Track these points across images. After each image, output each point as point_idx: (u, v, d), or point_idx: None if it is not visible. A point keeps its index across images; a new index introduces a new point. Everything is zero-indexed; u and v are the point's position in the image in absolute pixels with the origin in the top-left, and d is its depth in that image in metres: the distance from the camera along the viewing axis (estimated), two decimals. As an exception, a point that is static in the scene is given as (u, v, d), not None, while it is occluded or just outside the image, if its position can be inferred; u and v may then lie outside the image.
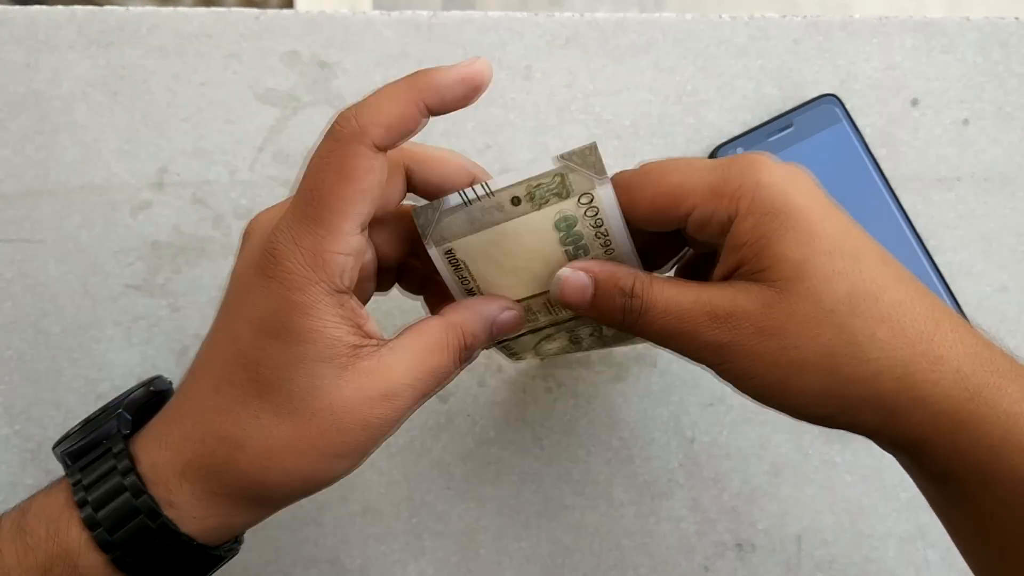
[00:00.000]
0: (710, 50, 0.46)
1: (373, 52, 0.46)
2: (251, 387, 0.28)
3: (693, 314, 0.28)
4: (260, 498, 0.29)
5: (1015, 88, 0.47)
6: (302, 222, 0.27)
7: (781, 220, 0.27)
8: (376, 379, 0.28)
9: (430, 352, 0.30)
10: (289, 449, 0.28)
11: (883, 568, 0.43)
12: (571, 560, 0.43)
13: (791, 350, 0.27)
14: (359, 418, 0.28)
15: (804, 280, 0.27)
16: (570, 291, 0.30)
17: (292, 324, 0.27)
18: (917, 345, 0.27)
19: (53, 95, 0.44)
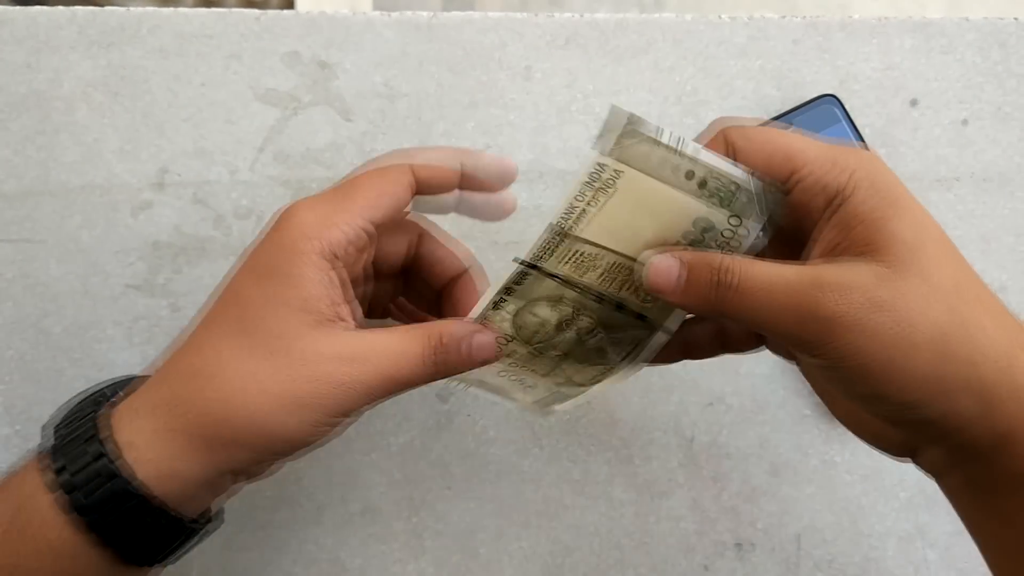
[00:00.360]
0: (710, 51, 0.47)
1: (373, 53, 0.46)
2: (236, 324, 0.30)
3: (797, 285, 0.27)
4: (215, 439, 0.29)
5: (1014, 88, 0.47)
6: (325, 197, 0.31)
7: (899, 204, 0.28)
8: (351, 342, 0.30)
9: (404, 339, 0.31)
10: (256, 385, 0.29)
11: (882, 567, 0.43)
12: (571, 559, 0.43)
13: (905, 326, 0.26)
14: (328, 373, 0.29)
15: (917, 261, 0.27)
16: (658, 273, 0.29)
17: (282, 268, 0.30)
18: (1018, 338, 0.27)
19: (54, 95, 0.44)
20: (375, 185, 0.32)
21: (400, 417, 0.43)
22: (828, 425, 0.44)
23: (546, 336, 0.34)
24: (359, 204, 0.31)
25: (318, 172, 0.45)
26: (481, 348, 0.32)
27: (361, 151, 0.45)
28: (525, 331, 0.33)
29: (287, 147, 0.45)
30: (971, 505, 0.30)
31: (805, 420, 0.44)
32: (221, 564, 0.42)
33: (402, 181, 0.33)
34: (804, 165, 0.29)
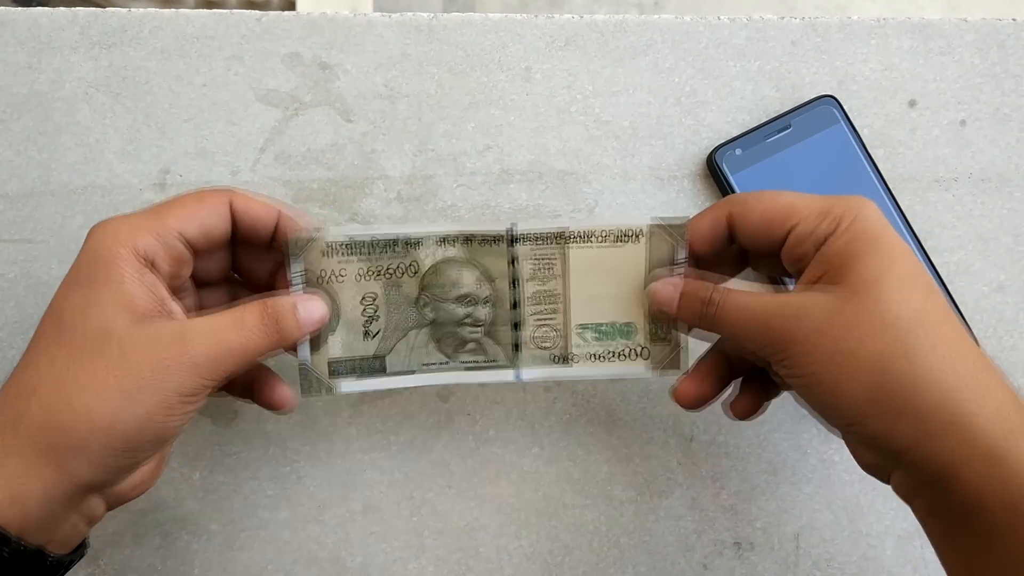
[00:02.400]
0: (708, 52, 0.47)
1: (374, 54, 0.46)
2: (53, 335, 0.30)
3: (764, 313, 0.32)
4: (52, 448, 0.29)
5: (1012, 89, 0.47)
6: (139, 214, 0.32)
7: (872, 244, 0.31)
8: (173, 326, 0.31)
9: (228, 313, 0.32)
10: (77, 387, 0.29)
11: (880, 566, 0.43)
12: (571, 558, 0.43)
13: (847, 351, 0.30)
14: (149, 357, 0.30)
15: (873, 295, 0.30)
16: (661, 297, 0.36)
17: (95, 274, 0.30)
18: (965, 376, 0.29)
19: (56, 96, 0.45)
20: (188, 204, 0.33)
21: (401, 416, 0.44)
22: (827, 424, 0.44)
23: (445, 294, 0.38)
24: (170, 218, 0.32)
25: (319, 172, 0.45)
26: (310, 311, 0.34)
27: (362, 151, 0.45)
28: (435, 276, 0.37)
29: (288, 148, 0.45)
30: (934, 532, 0.31)
31: (804, 420, 0.44)
32: (222, 563, 0.42)
33: (218, 209, 0.33)
34: (796, 214, 0.32)
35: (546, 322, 0.38)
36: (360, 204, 0.45)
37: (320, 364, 0.37)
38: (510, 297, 0.38)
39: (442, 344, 0.38)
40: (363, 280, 0.37)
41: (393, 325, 0.38)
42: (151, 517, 0.42)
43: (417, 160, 0.45)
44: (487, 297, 0.38)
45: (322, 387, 0.37)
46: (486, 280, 0.38)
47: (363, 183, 0.45)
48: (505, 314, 0.38)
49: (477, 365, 0.38)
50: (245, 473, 0.43)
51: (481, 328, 0.38)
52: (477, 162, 0.45)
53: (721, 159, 0.45)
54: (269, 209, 0.34)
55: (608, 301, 0.38)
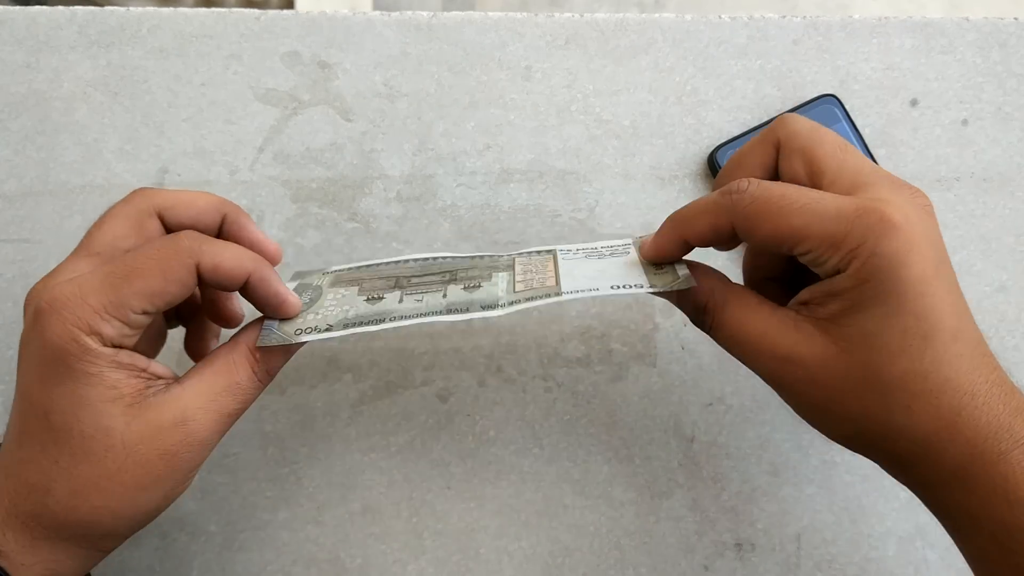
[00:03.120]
0: (710, 50, 0.46)
1: (373, 52, 0.46)
2: (47, 435, 0.29)
3: (755, 346, 0.31)
4: (79, 538, 0.30)
5: (1014, 88, 0.47)
6: (97, 285, 0.29)
7: (878, 293, 0.28)
8: (166, 410, 0.30)
9: (218, 373, 0.31)
10: (92, 487, 0.29)
11: (882, 567, 0.43)
12: (571, 559, 0.43)
13: (835, 404, 0.30)
14: (156, 448, 0.29)
15: (869, 351, 0.29)
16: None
17: (72, 370, 0.29)
18: (945, 420, 0.29)
19: (54, 95, 0.44)
20: (151, 275, 0.29)
21: (400, 417, 0.43)
22: (828, 425, 0.44)
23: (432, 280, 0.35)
24: (133, 296, 0.29)
25: (318, 172, 0.45)
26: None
27: (361, 151, 0.45)
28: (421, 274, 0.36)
29: (287, 147, 0.45)
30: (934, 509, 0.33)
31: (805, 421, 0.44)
32: (221, 564, 0.42)
33: (183, 277, 0.30)
34: (806, 242, 0.29)
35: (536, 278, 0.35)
36: (359, 204, 0.45)
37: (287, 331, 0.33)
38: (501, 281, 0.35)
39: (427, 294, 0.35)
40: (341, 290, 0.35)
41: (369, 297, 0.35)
42: (149, 518, 0.42)
43: (417, 159, 0.45)
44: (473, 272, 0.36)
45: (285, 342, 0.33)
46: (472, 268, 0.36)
47: (362, 183, 0.45)
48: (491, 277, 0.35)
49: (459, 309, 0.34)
50: (244, 474, 0.42)
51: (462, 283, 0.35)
52: (477, 161, 0.45)
53: (722, 158, 0.45)
54: (238, 268, 0.31)
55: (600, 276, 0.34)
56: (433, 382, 0.44)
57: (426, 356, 0.44)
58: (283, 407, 0.43)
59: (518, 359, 0.44)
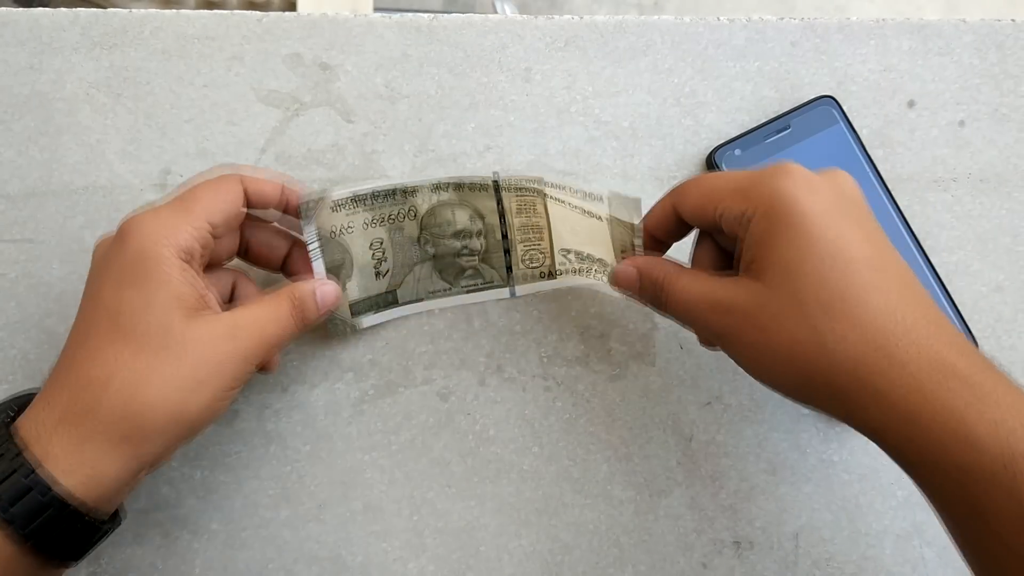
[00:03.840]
0: (708, 52, 0.47)
1: (374, 54, 0.46)
2: (114, 332, 0.32)
3: (700, 305, 0.34)
4: (125, 439, 0.32)
5: (1011, 90, 0.47)
6: (167, 207, 0.35)
7: (785, 224, 0.32)
8: (219, 324, 0.34)
9: (265, 306, 0.36)
10: (148, 381, 0.32)
11: (880, 566, 0.43)
12: (570, 557, 0.43)
13: (771, 341, 0.32)
14: (207, 354, 0.33)
15: (791, 280, 0.31)
16: (623, 281, 0.39)
17: (148, 273, 0.33)
18: (874, 343, 0.30)
19: (57, 97, 0.45)
20: (211, 194, 0.35)
21: (401, 416, 0.44)
22: (826, 424, 0.44)
23: (442, 232, 0.42)
24: (199, 209, 0.35)
25: (319, 173, 0.45)
26: (326, 296, 0.38)
27: (362, 152, 0.45)
28: (432, 218, 0.42)
29: (289, 148, 0.45)
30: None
31: (803, 419, 0.44)
32: (223, 562, 0.42)
33: (235, 194, 0.36)
34: (721, 202, 0.34)
35: (533, 247, 0.43)
36: (360, 204, 0.45)
37: (342, 308, 0.41)
38: (500, 229, 0.42)
39: (444, 273, 0.43)
40: (369, 228, 0.41)
41: (400, 263, 0.42)
42: (152, 516, 0.42)
43: (417, 160, 0.46)
44: (480, 230, 0.43)
45: (347, 327, 0.42)
46: (478, 217, 0.42)
47: (363, 183, 0.45)
48: (497, 243, 0.43)
49: (476, 287, 0.44)
50: (246, 472, 0.43)
51: (476, 256, 0.43)
52: (477, 162, 0.46)
53: (721, 159, 0.45)
54: (274, 186, 0.38)
55: (583, 237, 0.41)
56: (434, 381, 0.44)
57: (426, 355, 0.44)
58: (285, 406, 0.43)
59: (518, 359, 0.44)
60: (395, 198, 0.41)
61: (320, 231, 0.39)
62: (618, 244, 0.39)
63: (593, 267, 0.41)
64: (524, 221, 0.42)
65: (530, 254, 0.43)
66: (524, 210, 0.42)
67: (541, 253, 0.43)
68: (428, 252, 0.43)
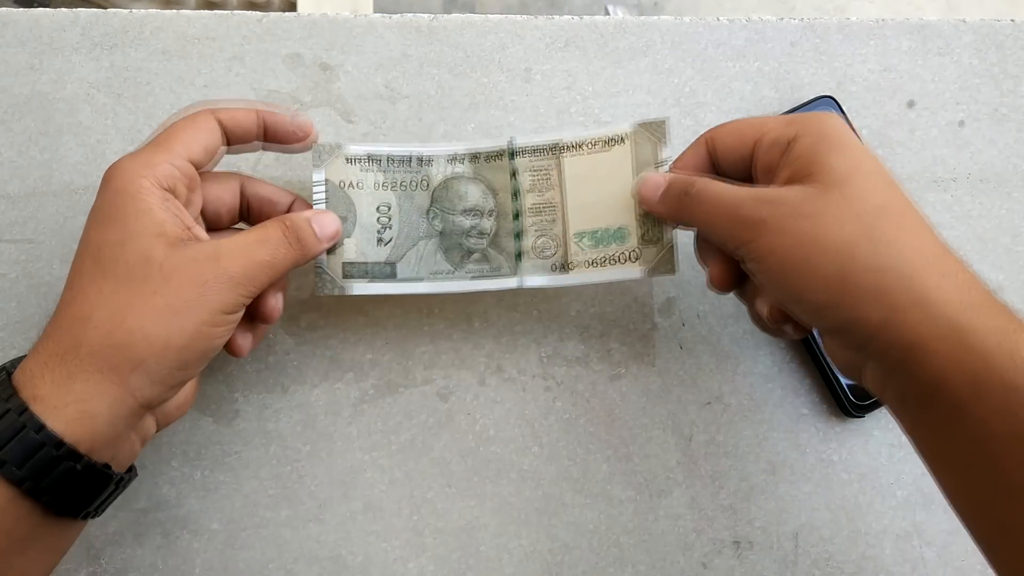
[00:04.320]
0: (708, 52, 0.47)
1: (374, 55, 0.46)
2: (95, 268, 0.32)
3: (739, 199, 0.34)
4: (112, 370, 0.31)
5: (1011, 90, 0.47)
6: (146, 146, 0.35)
7: (835, 143, 0.33)
8: (202, 248, 0.33)
9: (252, 231, 0.35)
10: (129, 310, 0.31)
11: (879, 565, 0.43)
12: (570, 557, 0.43)
13: (819, 231, 0.31)
14: (189, 276, 0.32)
15: (842, 185, 0.32)
16: (647, 184, 0.38)
17: (125, 207, 0.32)
18: (929, 258, 0.30)
19: (57, 97, 0.45)
20: (186, 129, 0.35)
21: (401, 416, 0.44)
22: (825, 424, 0.44)
23: (452, 207, 0.41)
24: (176, 145, 0.34)
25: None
26: (324, 225, 0.37)
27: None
28: (445, 191, 0.41)
29: (289, 148, 0.45)
30: (906, 420, 0.32)
31: (803, 419, 0.44)
32: (223, 562, 0.42)
33: (210, 126, 0.36)
34: (764, 127, 0.35)
35: (545, 232, 0.41)
36: (360, 204, 0.45)
37: (334, 266, 0.39)
38: (512, 209, 0.41)
39: (449, 254, 0.41)
40: (379, 190, 0.40)
41: (404, 234, 0.40)
42: (152, 516, 0.42)
43: (417, 160, 0.46)
44: (491, 210, 0.41)
45: (335, 287, 0.39)
46: (490, 194, 0.41)
47: (363, 183, 0.45)
48: (508, 226, 0.41)
49: (482, 274, 0.41)
50: (246, 472, 0.43)
51: (485, 239, 0.41)
52: (477, 162, 0.46)
53: (720, 159, 0.45)
54: (247, 112, 0.37)
55: (601, 207, 0.40)
56: (434, 381, 0.44)
57: (426, 355, 0.44)
58: (285, 406, 0.43)
59: (518, 358, 0.44)
60: (410, 165, 0.41)
61: (328, 181, 0.39)
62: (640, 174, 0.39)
63: (610, 251, 0.40)
64: (537, 199, 0.41)
65: (542, 241, 0.41)
66: (538, 183, 0.41)
67: (553, 240, 0.41)
68: (436, 227, 0.41)
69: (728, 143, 0.36)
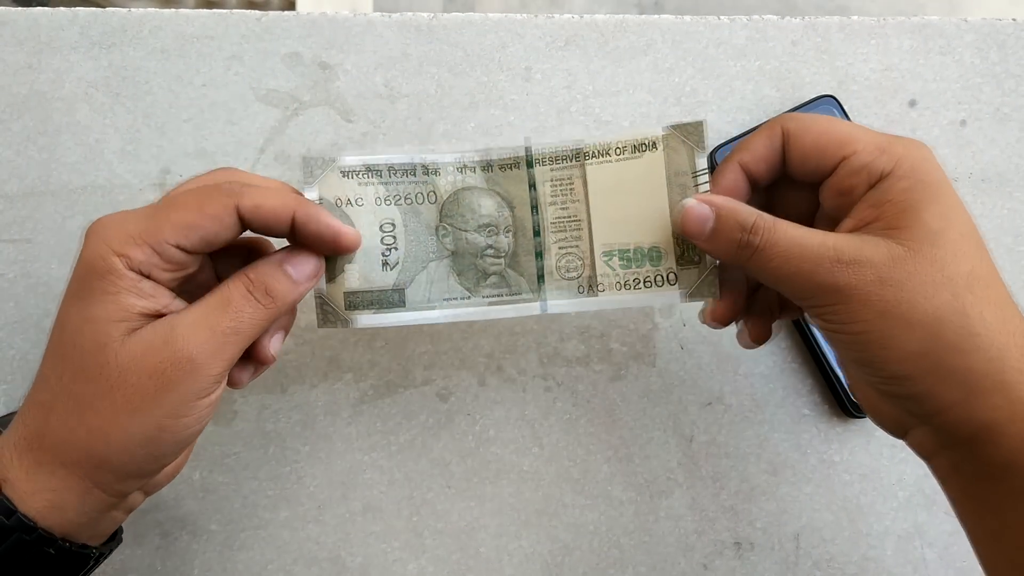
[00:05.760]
0: (709, 51, 0.47)
1: (374, 54, 0.46)
2: (59, 351, 0.30)
3: (816, 256, 0.30)
4: (76, 465, 0.29)
5: (1012, 89, 0.47)
6: (140, 215, 0.30)
7: (933, 192, 0.30)
8: (157, 330, 0.29)
9: (211, 295, 0.31)
10: (88, 406, 0.29)
11: (881, 566, 0.43)
12: (570, 558, 0.43)
13: (905, 304, 0.29)
14: (145, 367, 0.29)
15: (936, 247, 0.29)
16: (691, 220, 0.33)
17: (91, 286, 0.29)
18: (1015, 337, 0.29)
19: (55, 96, 0.45)
20: (192, 209, 0.30)
21: (401, 417, 0.44)
22: (827, 424, 0.44)
23: (465, 223, 0.37)
24: (170, 228, 0.30)
25: (319, 172, 0.45)
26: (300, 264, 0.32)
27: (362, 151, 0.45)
28: (455, 205, 0.36)
29: (288, 148, 0.45)
30: (957, 490, 0.31)
31: (804, 420, 0.44)
32: (222, 563, 0.42)
33: (222, 216, 0.30)
34: (854, 150, 0.31)
35: (570, 250, 0.37)
36: (360, 204, 0.45)
37: (336, 296, 0.35)
38: (532, 224, 0.37)
39: (463, 277, 0.37)
40: (382, 206, 0.36)
41: (412, 256, 0.36)
42: (151, 517, 0.42)
43: (417, 160, 0.45)
44: (508, 226, 0.37)
45: (338, 320, 0.35)
46: (506, 207, 0.37)
47: (363, 183, 0.45)
48: (528, 243, 0.37)
49: (500, 299, 0.37)
50: (245, 473, 0.43)
51: (503, 259, 0.37)
52: (477, 162, 0.45)
53: (721, 158, 0.45)
54: (282, 206, 0.31)
55: (632, 223, 0.36)
56: (433, 381, 0.44)
57: (426, 355, 0.44)
58: (284, 406, 0.43)
59: (518, 359, 0.44)
60: (414, 175, 0.36)
61: (323, 199, 0.35)
62: (675, 187, 0.35)
63: (643, 272, 0.36)
64: (560, 213, 0.37)
65: (566, 260, 0.37)
66: (560, 195, 0.37)
67: (579, 259, 0.37)
68: (447, 247, 0.36)
69: (807, 150, 0.32)
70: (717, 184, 0.34)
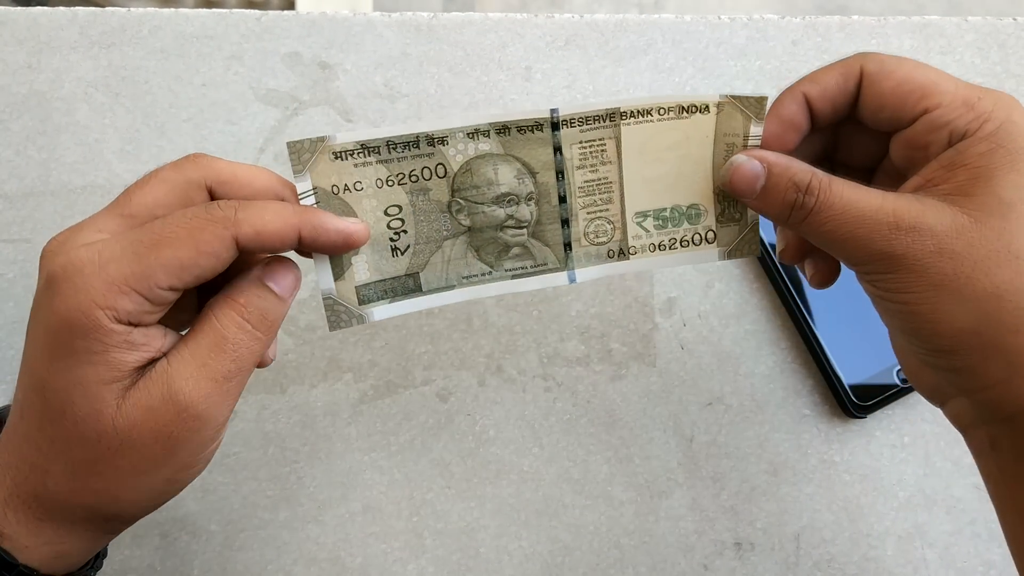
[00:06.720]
0: (709, 51, 0.47)
1: (374, 53, 0.46)
2: (44, 412, 0.27)
3: (873, 221, 0.28)
4: (85, 521, 0.29)
5: (1013, 89, 0.47)
6: (119, 254, 0.26)
7: (1012, 160, 0.27)
8: (153, 388, 0.27)
9: (202, 333, 0.28)
10: (89, 471, 0.27)
11: (881, 567, 0.43)
12: (571, 559, 0.43)
13: (963, 278, 0.27)
14: (149, 431, 0.27)
15: (1005, 220, 0.27)
16: (740, 177, 0.30)
17: (75, 347, 0.26)
18: None
19: (55, 96, 0.44)
20: (184, 247, 0.26)
21: (400, 417, 0.44)
22: (827, 425, 0.44)
23: (481, 196, 0.33)
24: (159, 268, 0.26)
25: (318, 172, 0.45)
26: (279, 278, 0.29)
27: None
28: (468, 177, 0.33)
29: (288, 147, 0.45)
30: (992, 465, 0.30)
31: (804, 420, 0.44)
32: (221, 563, 0.42)
33: (220, 252, 0.27)
34: (938, 104, 0.29)
35: (599, 214, 0.34)
36: (360, 204, 0.45)
37: (347, 292, 0.32)
38: (557, 190, 0.34)
39: (483, 252, 0.34)
40: (384, 188, 0.32)
41: (424, 237, 0.33)
42: (150, 517, 0.42)
43: (417, 160, 0.45)
44: (530, 194, 0.33)
45: (352, 318, 0.32)
46: (527, 174, 0.33)
47: (363, 183, 0.45)
48: (552, 211, 0.34)
49: (525, 271, 0.34)
50: (244, 473, 0.43)
51: (526, 229, 0.34)
52: (477, 162, 0.45)
53: (721, 159, 0.45)
54: (284, 227, 0.28)
55: (669, 181, 0.33)
56: (433, 381, 0.44)
57: (426, 356, 0.44)
58: (283, 407, 0.43)
59: (518, 359, 0.44)
60: (418, 148, 0.32)
61: (318, 188, 0.31)
62: (722, 145, 0.32)
63: (679, 232, 0.34)
64: (589, 177, 0.33)
65: (595, 224, 0.34)
66: (589, 159, 0.33)
67: (609, 223, 0.34)
68: (462, 224, 0.33)
69: (886, 98, 0.29)
70: (775, 113, 0.31)
